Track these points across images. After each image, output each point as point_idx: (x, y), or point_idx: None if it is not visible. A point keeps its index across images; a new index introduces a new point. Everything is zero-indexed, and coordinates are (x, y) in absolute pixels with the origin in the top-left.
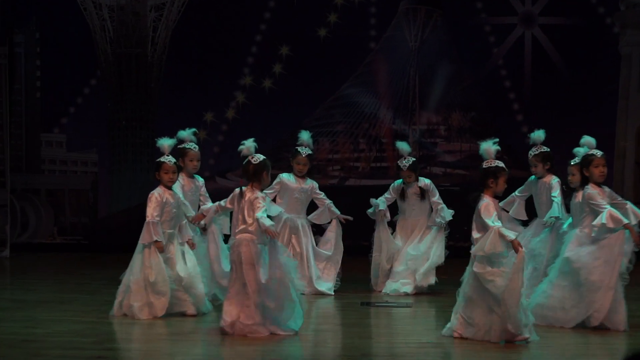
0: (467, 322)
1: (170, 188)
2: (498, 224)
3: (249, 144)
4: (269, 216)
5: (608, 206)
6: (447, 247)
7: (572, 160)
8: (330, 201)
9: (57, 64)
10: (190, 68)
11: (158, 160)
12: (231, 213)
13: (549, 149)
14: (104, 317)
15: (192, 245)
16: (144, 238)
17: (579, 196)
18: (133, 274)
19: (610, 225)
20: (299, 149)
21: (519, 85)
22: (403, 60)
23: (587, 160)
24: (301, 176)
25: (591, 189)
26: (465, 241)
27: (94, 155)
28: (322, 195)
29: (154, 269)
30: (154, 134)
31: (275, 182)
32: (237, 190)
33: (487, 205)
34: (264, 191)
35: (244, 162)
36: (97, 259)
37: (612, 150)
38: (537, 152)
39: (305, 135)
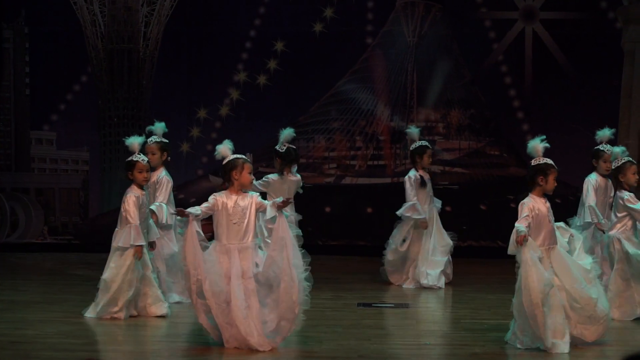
0: None
1: (142, 188)
2: (520, 224)
3: (225, 145)
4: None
5: None
6: None
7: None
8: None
9: (47, 60)
10: (183, 64)
11: (130, 159)
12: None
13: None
14: (95, 318)
15: (153, 247)
16: (125, 241)
17: None
18: (110, 275)
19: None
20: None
21: (519, 82)
22: (401, 56)
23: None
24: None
25: None
26: (464, 241)
27: (85, 154)
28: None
29: (129, 271)
30: (145, 131)
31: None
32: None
33: (522, 205)
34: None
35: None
36: (88, 260)
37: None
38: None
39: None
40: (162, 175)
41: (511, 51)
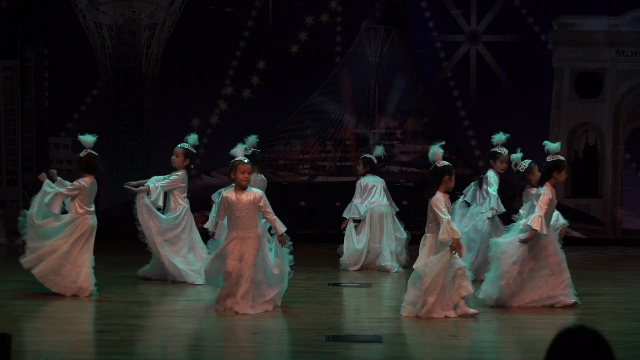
0: None
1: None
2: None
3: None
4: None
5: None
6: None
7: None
8: None
9: (63, 76)
10: (179, 80)
11: (234, 161)
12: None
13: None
14: (105, 296)
15: None
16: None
17: None
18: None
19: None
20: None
21: (465, 95)
22: (364, 72)
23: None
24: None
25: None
26: (419, 230)
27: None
28: None
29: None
30: (148, 137)
31: None
32: None
33: (543, 195)
34: None
35: None
36: (98, 246)
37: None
38: None
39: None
40: (178, 173)
41: (458, 68)
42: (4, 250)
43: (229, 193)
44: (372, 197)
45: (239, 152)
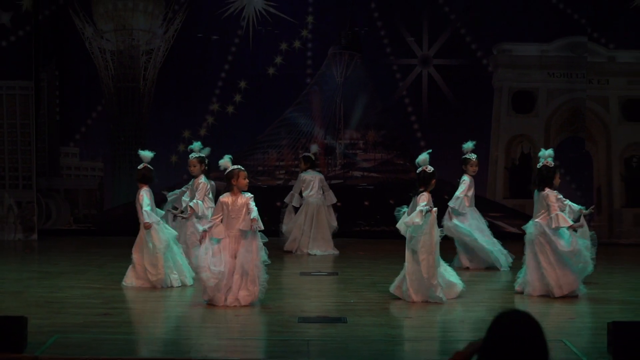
0: None
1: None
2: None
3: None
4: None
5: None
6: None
7: None
8: None
9: (72, 95)
10: (172, 97)
11: (231, 170)
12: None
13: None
14: (109, 284)
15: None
16: None
17: None
18: None
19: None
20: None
21: (418, 110)
22: (332, 91)
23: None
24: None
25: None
26: (378, 226)
27: (100, 164)
28: None
29: None
30: (145, 147)
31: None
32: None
33: (555, 196)
34: None
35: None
36: (103, 241)
37: (487, 158)
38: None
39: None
40: (201, 180)
41: (412, 88)
42: (20, 245)
43: (225, 197)
44: (310, 190)
45: (227, 163)
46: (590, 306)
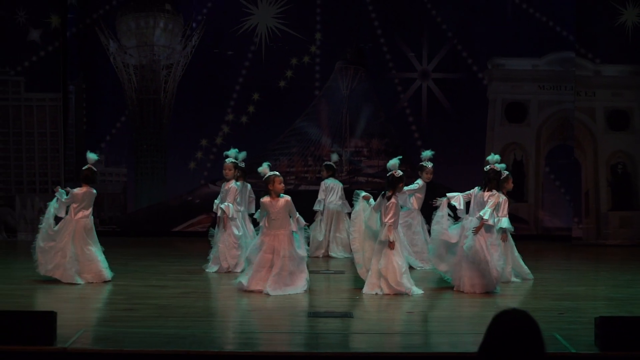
0: None
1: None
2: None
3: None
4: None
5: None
6: None
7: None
8: None
9: (98, 106)
10: (190, 108)
11: (268, 176)
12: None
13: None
14: (132, 281)
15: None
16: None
17: None
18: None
19: None
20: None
21: (418, 120)
22: (338, 103)
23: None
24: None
25: None
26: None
27: (124, 169)
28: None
29: None
30: (166, 154)
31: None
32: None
33: (504, 200)
34: None
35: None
36: (127, 242)
37: (482, 163)
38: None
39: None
40: (232, 184)
41: (412, 100)
42: None
43: (266, 198)
44: (331, 196)
45: (265, 170)
46: (578, 302)
